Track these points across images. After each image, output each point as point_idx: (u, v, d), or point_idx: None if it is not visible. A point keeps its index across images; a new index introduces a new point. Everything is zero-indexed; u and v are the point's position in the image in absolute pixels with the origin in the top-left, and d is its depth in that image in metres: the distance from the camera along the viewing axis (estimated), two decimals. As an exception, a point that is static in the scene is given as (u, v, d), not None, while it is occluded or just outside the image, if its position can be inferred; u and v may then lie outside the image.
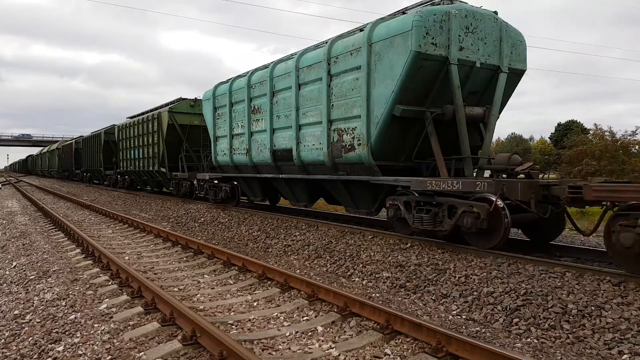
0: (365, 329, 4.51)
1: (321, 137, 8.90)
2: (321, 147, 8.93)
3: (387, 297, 5.67)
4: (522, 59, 8.20)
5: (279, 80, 10.16)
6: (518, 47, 8.11)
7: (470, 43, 7.47)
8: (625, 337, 4.08)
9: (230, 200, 13.34)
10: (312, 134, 9.20)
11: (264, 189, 12.13)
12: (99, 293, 5.70)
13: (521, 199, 6.11)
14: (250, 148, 11.39)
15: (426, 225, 6.92)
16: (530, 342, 4.30)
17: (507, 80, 7.92)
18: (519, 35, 8.15)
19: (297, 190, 10.69)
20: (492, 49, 7.76)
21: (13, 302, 5.77)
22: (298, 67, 9.51)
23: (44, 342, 4.30)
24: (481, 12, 7.71)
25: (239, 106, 11.80)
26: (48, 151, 53.10)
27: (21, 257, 8.33)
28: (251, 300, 5.50)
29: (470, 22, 7.46)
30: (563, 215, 6.86)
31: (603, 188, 5.35)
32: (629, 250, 4.98)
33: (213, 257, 7.70)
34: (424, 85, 7.36)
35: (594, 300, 4.65)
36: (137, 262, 7.61)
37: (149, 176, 19.68)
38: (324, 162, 8.94)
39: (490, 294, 5.24)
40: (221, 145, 12.83)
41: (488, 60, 7.70)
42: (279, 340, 4.28)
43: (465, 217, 6.40)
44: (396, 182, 7.67)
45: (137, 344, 4.13)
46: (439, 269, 6.15)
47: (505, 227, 6.17)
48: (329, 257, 7.57)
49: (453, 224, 6.60)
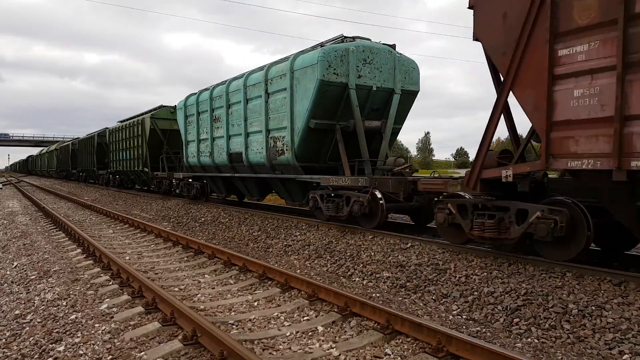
0: (366, 329, 4.51)
1: (262, 143, 10.74)
2: (262, 151, 10.77)
3: (387, 297, 5.67)
4: (414, 82, 10.10)
5: (233, 95, 11.99)
6: (410, 74, 10.01)
7: (368, 72, 9.39)
8: (626, 337, 4.08)
9: (201, 196, 15.13)
10: (256, 140, 11.04)
11: (226, 186, 14.01)
12: (100, 293, 5.70)
13: (392, 191, 7.92)
14: (212, 151, 13.16)
15: (332, 212, 8.83)
16: (530, 342, 4.30)
17: (401, 99, 9.83)
18: (412, 64, 10.05)
19: (249, 187, 12.60)
20: (387, 75, 9.67)
21: (14, 302, 5.77)
22: (246, 85, 11.31)
23: (45, 342, 4.30)
24: (378, 47, 9.60)
25: (204, 115, 13.57)
26: (47, 152, 54.05)
27: (22, 257, 8.34)
28: (252, 300, 5.50)
29: (367, 55, 9.38)
30: None
31: (426, 182, 7.31)
32: (442, 225, 6.74)
33: (214, 257, 7.71)
34: (332, 104, 9.25)
35: (595, 300, 4.65)
36: (137, 262, 7.62)
37: (136, 175, 21.38)
38: (264, 163, 10.79)
39: (491, 293, 5.24)
40: (191, 148, 14.60)
41: (384, 85, 9.60)
42: (279, 340, 4.28)
43: (355, 204, 8.24)
44: (311, 179, 9.68)
45: (138, 343, 4.13)
46: (440, 268, 6.15)
47: (382, 211, 7.99)
48: (329, 257, 7.57)
49: (348, 210, 8.46)
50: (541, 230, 5.41)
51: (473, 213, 6.26)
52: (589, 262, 6.01)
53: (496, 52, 5.79)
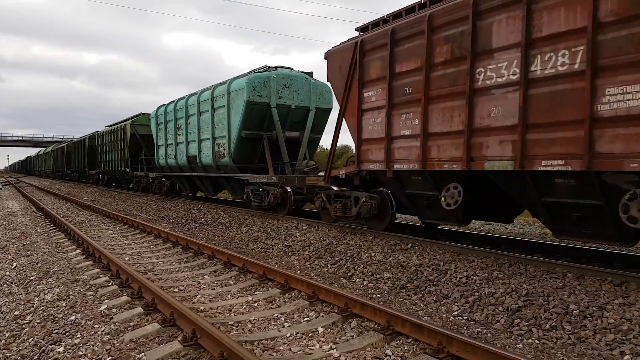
0: (366, 330, 4.50)
1: (210, 148, 13.44)
2: (210, 155, 13.44)
3: (388, 298, 5.66)
4: (327, 102, 12.97)
5: (190, 108, 14.75)
6: (324, 95, 12.86)
7: (287, 94, 12.23)
8: (627, 338, 4.07)
9: (171, 192, 17.71)
10: (207, 146, 13.70)
11: (189, 184, 16.66)
12: (99, 294, 5.69)
13: (298, 185, 10.85)
14: (176, 154, 15.88)
15: (258, 203, 11.53)
16: (531, 343, 4.29)
17: (316, 115, 12.72)
18: (325, 87, 12.78)
19: (205, 184, 15.31)
20: (304, 97, 12.52)
21: (13, 302, 5.76)
22: (199, 101, 14.03)
23: (45, 343, 4.29)
24: (296, 74, 12.52)
25: (170, 124, 16.32)
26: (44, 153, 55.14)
27: (21, 257, 8.33)
28: (252, 301, 5.49)
29: (286, 81, 12.25)
30: None
31: (310, 179, 10.68)
32: (320, 209, 9.47)
33: (213, 257, 7.69)
34: (259, 119, 12.07)
35: (596, 300, 4.64)
36: (137, 263, 7.60)
37: (120, 175, 24.17)
38: (212, 164, 13.49)
39: (492, 294, 5.23)
40: (161, 151, 17.32)
41: (301, 104, 12.46)
42: (279, 341, 4.27)
43: (272, 196, 11.01)
44: (243, 177, 12.41)
45: (138, 344, 4.12)
46: (440, 269, 6.14)
47: (290, 202, 10.83)
48: (329, 257, 7.56)
49: (268, 201, 11.11)
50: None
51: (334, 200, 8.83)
52: (590, 262, 6.04)
53: (337, 90, 8.64)
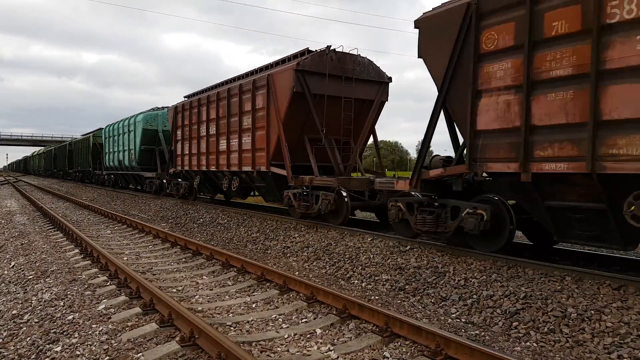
0: (364, 332, 4.49)
1: (127, 155, 20.93)
2: (127, 160, 21.06)
3: (386, 300, 5.65)
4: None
5: (121, 129, 21.79)
6: (167, 121, 18.50)
7: (166, 123, 18.90)
8: (625, 342, 4.07)
9: (115, 185, 25.43)
10: (127, 154, 21.02)
11: (124, 179, 24.48)
12: (98, 293, 5.68)
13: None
14: (114, 159, 23.20)
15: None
16: (529, 345, 4.29)
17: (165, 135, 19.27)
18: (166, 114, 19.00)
19: (130, 180, 23.38)
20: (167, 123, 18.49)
21: (11, 302, 5.75)
22: (123, 126, 21.41)
23: (42, 342, 4.28)
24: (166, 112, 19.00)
25: (111, 139, 23.63)
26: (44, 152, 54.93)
27: (20, 256, 8.31)
28: (250, 302, 5.49)
29: (165, 117, 19.13)
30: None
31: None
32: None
33: (212, 258, 7.69)
34: (151, 139, 19.41)
35: (594, 304, 4.64)
36: (135, 263, 7.60)
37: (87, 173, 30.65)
38: (129, 166, 21.06)
39: (490, 297, 5.23)
40: (107, 157, 24.84)
41: (165, 129, 19.22)
42: (277, 342, 4.26)
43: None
44: (144, 174, 20.01)
45: (135, 344, 4.11)
46: (439, 271, 6.14)
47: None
48: (328, 259, 7.55)
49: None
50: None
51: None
52: (587, 266, 6.04)
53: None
